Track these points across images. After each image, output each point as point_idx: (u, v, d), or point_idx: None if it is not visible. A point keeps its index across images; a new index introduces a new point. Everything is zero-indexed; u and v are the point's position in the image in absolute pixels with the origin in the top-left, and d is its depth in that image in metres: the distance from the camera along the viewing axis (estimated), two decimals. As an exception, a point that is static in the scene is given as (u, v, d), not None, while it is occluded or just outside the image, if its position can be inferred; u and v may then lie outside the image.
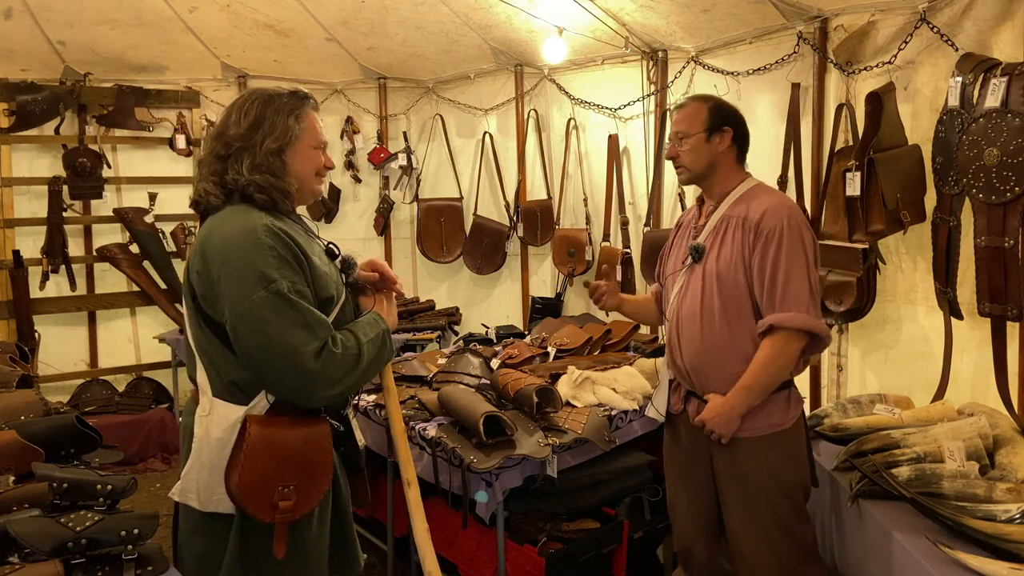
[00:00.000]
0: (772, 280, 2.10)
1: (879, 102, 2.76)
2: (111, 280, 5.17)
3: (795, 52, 3.49)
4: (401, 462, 1.91)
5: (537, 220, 5.02)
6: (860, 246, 2.89)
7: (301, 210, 1.90)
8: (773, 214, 2.13)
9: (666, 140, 2.38)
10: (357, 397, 3.00)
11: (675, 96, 4.24)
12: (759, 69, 3.68)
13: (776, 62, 3.57)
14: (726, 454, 2.21)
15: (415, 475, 1.92)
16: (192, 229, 5.28)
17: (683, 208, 4.15)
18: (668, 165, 4.23)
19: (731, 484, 2.23)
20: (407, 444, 1.93)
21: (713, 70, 3.94)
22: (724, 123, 2.25)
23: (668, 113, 4.24)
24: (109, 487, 1.91)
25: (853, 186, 2.78)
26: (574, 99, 4.82)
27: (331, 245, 1.84)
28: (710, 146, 2.24)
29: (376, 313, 1.79)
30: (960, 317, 2.57)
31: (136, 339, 5.33)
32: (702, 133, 2.23)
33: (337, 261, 1.82)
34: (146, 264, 5.13)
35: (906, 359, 3.10)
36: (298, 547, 1.68)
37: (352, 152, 5.57)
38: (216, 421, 1.62)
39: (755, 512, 2.18)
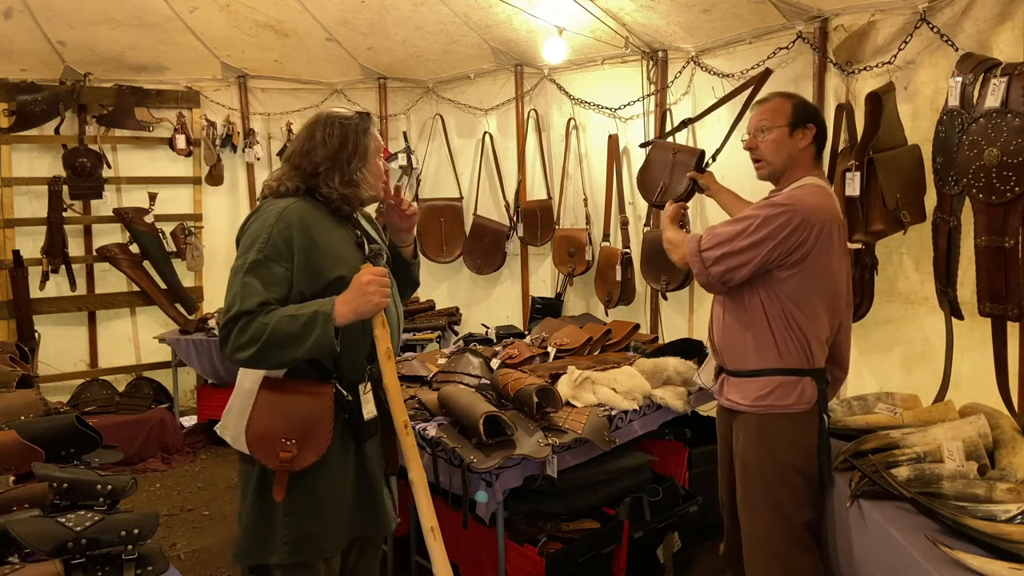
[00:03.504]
0: (727, 221, 2.28)
1: (879, 102, 2.76)
2: (111, 280, 5.17)
3: (787, 48, 3.48)
4: (407, 460, 1.92)
5: (537, 220, 5.02)
6: (853, 247, 2.89)
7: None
8: (784, 196, 2.21)
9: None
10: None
11: (675, 96, 4.25)
12: (752, 68, 3.67)
13: (767, 58, 3.56)
14: (735, 428, 2.35)
15: (422, 475, 1.93)
16: (192, 229, 5.29)
17: (683, 208, 4.16)
18: (668, 165, 4.27)
19: (737, 457, 2.36)
20: (412, 441, 1.93)
21: (711, 72, 3.94)
22: (808, 120, 2.27)
23: (668, 113, 4.25)
24: (109, 487, 1.91)
25: (853, 186, 2.78)
26: (574, 99, 4.82)
27: (362, 237, 2.02)
28: (792, 141, 2.27)
29: (331, 298, 1.85)
30: (961, 317, 2.57)
31: (136, 339, 5.34)
32: (785, 127, 2.26)
33: (367, 250, 2.00)
34: (146, 264, 5.13)
35: (907, 359, 3.10)
36: (310, 495, 1.89)
37: (352, 152, 5.56)
38: (249, 373, 1.92)
39: (751, 487, 2.31)
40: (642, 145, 4.03)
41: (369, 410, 1.96)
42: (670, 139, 3.83)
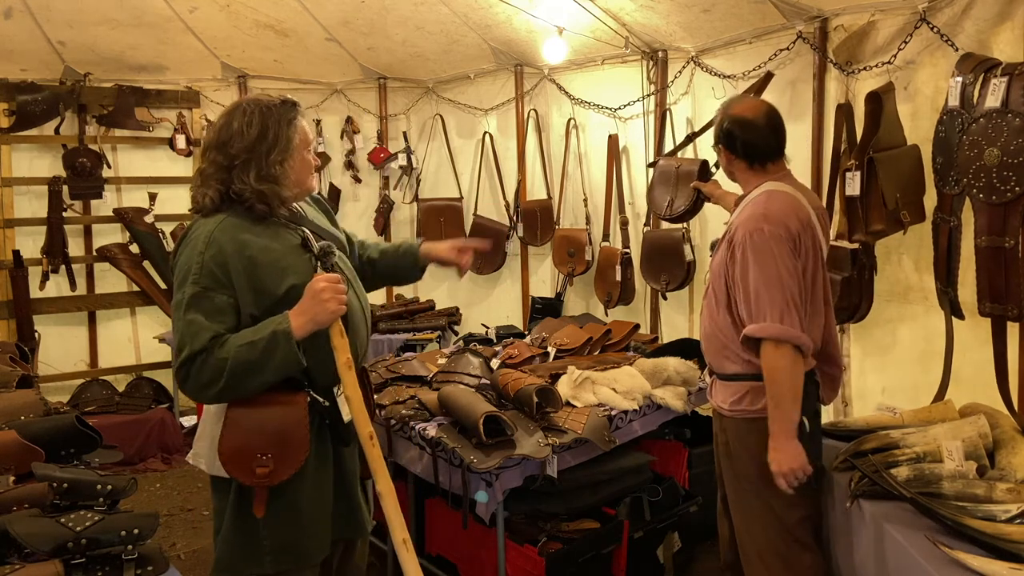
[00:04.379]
0: (746, 292, 2.16)
1: (879, 102, 2.76)
2: (111, 280, 5.17)
3: (787, 48, 3.48)
4: (373, 472, 1.85)
5: (537, 220, 5.02)
6: (850, 246, 2.90)
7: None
8: (743, 227, 2.19)
9: (666, 140, 2.48)
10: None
11: (675, 96, 4.25)
12: (753, 69, 3.67)
13: (768, 58, 3.57)
14: (721, 430, 2.37)
15: (390, 486, 1.85)
16: (192, 229, 5.29)
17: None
18: (668, 165, 4.27)
19: (724, 459, 2.38)
20: (378, 453, 1.85)
21: (711, 72, 3.94)
22: (718, 142, 2.35)
23: (668, 113, 4.25)
24: (109, 487, 1.91)
25: (853, 186, 2.78)
26: (574, 99, 4.82)
27: (306, 237, 1.89)
28: (723, 160, 2.39)
29: (285, 314, 1.77)
30: (961, 317, 2.57)
31: (136, 339, 5.33)
32: (718, 146, 2.38)
33: (315, 248, 1.86)
34: (146, 264, 5.13)
35: (907, 359, 3.10)
36: (292, 506, 1.85)
37: (352, 152, 5.57)
38: None
39: (740, 489, 2.32)
40: (649, 165, 4.07)
41: (347, 412, 1.88)
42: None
